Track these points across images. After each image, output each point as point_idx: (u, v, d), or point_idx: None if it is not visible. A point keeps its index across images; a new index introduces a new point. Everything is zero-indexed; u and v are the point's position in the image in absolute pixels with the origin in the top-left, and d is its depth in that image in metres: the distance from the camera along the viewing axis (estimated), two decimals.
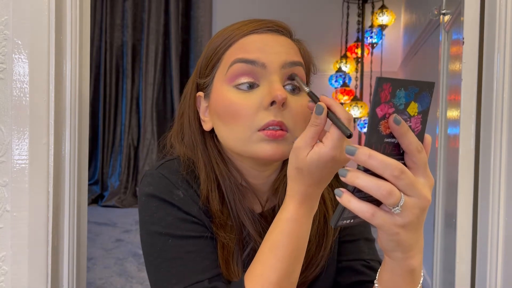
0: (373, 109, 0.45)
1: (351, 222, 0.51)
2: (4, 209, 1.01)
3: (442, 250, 1.72)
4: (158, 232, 0.65)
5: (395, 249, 0.50)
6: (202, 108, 0.72)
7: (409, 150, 0.46)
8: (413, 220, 0.46)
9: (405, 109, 0.47)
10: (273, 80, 0.64)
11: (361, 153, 0.45)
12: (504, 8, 1.08)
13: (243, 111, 0.64)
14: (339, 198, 0.47)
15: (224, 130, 0.67)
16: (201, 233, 0.66)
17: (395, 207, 0.45)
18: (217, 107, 0.67)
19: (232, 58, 0.66)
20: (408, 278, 0.53)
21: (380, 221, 0.46)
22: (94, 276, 2.51)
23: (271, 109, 0.63)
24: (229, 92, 0.65)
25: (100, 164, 4.71)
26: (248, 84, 0.65)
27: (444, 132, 1.70)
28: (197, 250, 0.64)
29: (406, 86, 0.46)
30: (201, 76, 0.71)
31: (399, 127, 0.45)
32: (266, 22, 0.68)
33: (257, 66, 0.64)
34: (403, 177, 0.45)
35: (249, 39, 0.67)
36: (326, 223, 0.73)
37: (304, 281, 0.71)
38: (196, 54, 4.68)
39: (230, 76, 0.65)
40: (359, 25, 4.09)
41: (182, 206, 0.66)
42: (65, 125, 1.08)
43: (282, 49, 0.66)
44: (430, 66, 2.46)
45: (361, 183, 0.45)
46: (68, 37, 1.08)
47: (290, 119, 0.64)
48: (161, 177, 0.69)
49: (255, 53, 0.65)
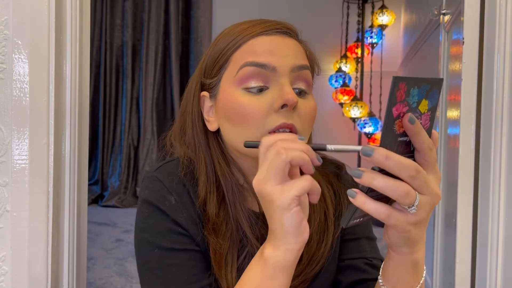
0: (389, 109, 0.45)
1: (360, 221, 0.51)
2: (4, 209, 1.01)
3: (442, 250, 1.72)
4: (146, 239, 0.67)
5: (403, 244, 0.51)
6: (206, 108, 0.72)
7: (421, 148, 0.47)
8: (424, 217, 0.48)
9: (417, 107, 0.47)
10: (284, 83, 0.64)
11: (378, 154, 0.45)
12: (504, 8, 1.08)
13: (254, 113, 0.64)
14: (352, 199, 0.47)
15: (232, 131, 0.67)
16: (185, 245, 0.67)
17: (411, 206, 0.46)
18: (226, 108, 0.67)
19: (242, 61, 0.66)
20: (412, 271, 0.54)
21: (395, 221, 0.47)
22: (94, 276, 2.51)
23: (281, 112, 0.63)
24: (239, 94, 0.65)
25: (100, 164, 4.71)
26: (258, 88, 0.65)
27: (444, 132, 1.70)
28: (178, 264, 0.66)
29: (420, 84, 0.46)
30: (207, 76, 0.71)
31: (413, 127, 0.46)
32: (275, 24, 0.69)
33: (267, 69, 0.65)
34: (419, 177, 0.45)
35: (258, 40, 0.67)
36: (326, 220, 0.73)
37: (305, 278, 0.71)
38: (196, 54, 4.68)
39: (239, 79, 0.66)
40: (359, 25, 4.09)
41: (171, 214, 0.67)
42: (65, 125, 1.08)
43: (291, 52, 0.67)
44: (430, 66, 2.46)
45: (378, 184, 0.45)
46: (68, 37, 1.08)
47: (299, 121, 0.65)
48: (156, 181, 0.70)
49: (265, 56, 0.65)
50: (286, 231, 0.53)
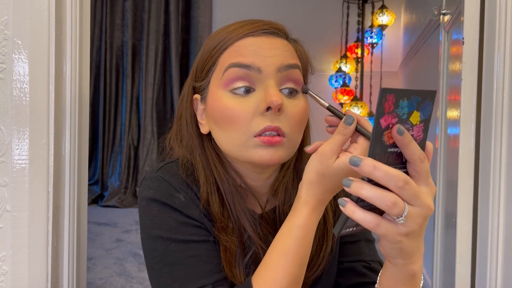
0: (377, 120, 0.45)
1: (353, 230, 0.51)
2: (4, 209, 1.01)
3: (442, 250, 1.72)
4: (160, 236, 0.65)
5: (397, 256, 0.50)
6: (199, 111, 0.71)
7: (412, 160, 0.47)
8: (416, 228, 0.47)
9: (408, 118, 0.47)
10: (269, 84, 0.63)
11: (365, 164, 0.45)
12: (504, 8, 1.08)
13: (239, 116, 0.63)
14: (343, 208, 0.47)
15: (220, 135, 0.67)
16: (203, 237, 0.66)
17: (399, 217, 0.46)
18: (213, 112, 0.66)
19: (227, 62, 0.65)
20: (409, 282, 0.54)
21: (384, 231, 0.47)
22: (94, 276, 2.51)
23: (267, 114, 0.62)
24: (225, 97, 0.65)
25: (100, 164, 4.71)
26: (245, 88, 0.64)
27: (444, 132, 1.70)
28: (199, 255, 0.64)
29: (409, 96, 0.46)
30: (197, 79, 0.71)
31: (402, 138, 0.46)
32: (262, 25, 0.67)
33: (252, 70, 0.63)
34: (407, 188, 0.45)
35: (244, 42, 0.66)
36: (326, 224, 0.73)
37: (305, 282, 0.70)
38: (196, 54, 4.67)
39: (225, 81, 0.65)
40: (359, 25, 4.09)
41: (183, 210, 0.66)
42: (65, 125, 1.08)
43: (277, 52, 0.65)
44: (430, 66, 2.46)
45: (365, 193, 0.45)
46: (68, 37, 1.08)
47: (286, 123, 0.64)
48: (161, 181, 0.68)
49: (250, 57, 0.64)
50: None
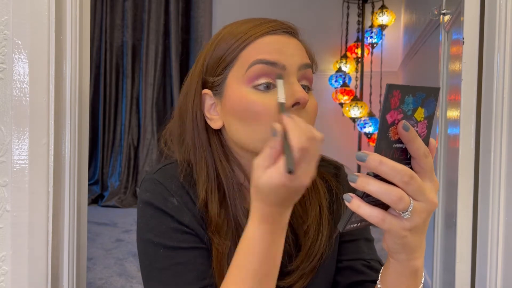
0: (383, 116, 0.46)
1: (358, 226, 0.51)
2: (4, 209, 1.01)
3: (442, 250, 1.72)
4: (150, 241, 0.67)
5: (400, 251, 0.51)
6: (207, 106, 0.72)
7: (416, 155, 0.47)
8: (420, 223, 0.48)
9: (413, 114, 0.48)
10: (293, 81, 0.65)
11: (372, 160, 0.45)
12: (504, 8, 1.08)
13: (265, 111, 0.64)
14: (348, 203, 0.48)
15: (242, 129, 0.67)
16: (192, 243, 0.67)
17: (404, 212, 0.46)
18: (235, 106, 0.67)
19: (251, 59, 0.66)
20: (411, 278, 0.54)
21: (389, 226, 0.47)
22: (94, 276, 2.51)
23: (292, 110, 0.64)
24: (248, 92, 0.66)
25: (100, 164, 4.71)
26: (266, 85, 0.65)
27: (444, 132, 1.70)
28: (185, 262, 0.66)
29: (414, 92, 0.47)
30: (210, 74, 0.71)
31: (407, 133, 0.46)
32: (280, 24, 0.70)
33: (277, 67, 0.65)
34: (412, 183, 0.46)
35: (266, 39, 0.67)
36: (321, 213, 0.74)
37: (303, 273, 0.71)
38: (196, 54, 4.68)
39: (249, 77, 0.66)
40: (359, 25, 4.09)
41: (175, 215, 0.68)
42: (65, 125, 1.08)
43: (296, 51, 0.68)
44: (430, 66, 2.46)
45: (372, 188, 0.46)
46: (68, 37, 1.08)
47: (308, 119, 0.66)
48: (157, 184, 0.70)
49: (275, 54, 0.66)
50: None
